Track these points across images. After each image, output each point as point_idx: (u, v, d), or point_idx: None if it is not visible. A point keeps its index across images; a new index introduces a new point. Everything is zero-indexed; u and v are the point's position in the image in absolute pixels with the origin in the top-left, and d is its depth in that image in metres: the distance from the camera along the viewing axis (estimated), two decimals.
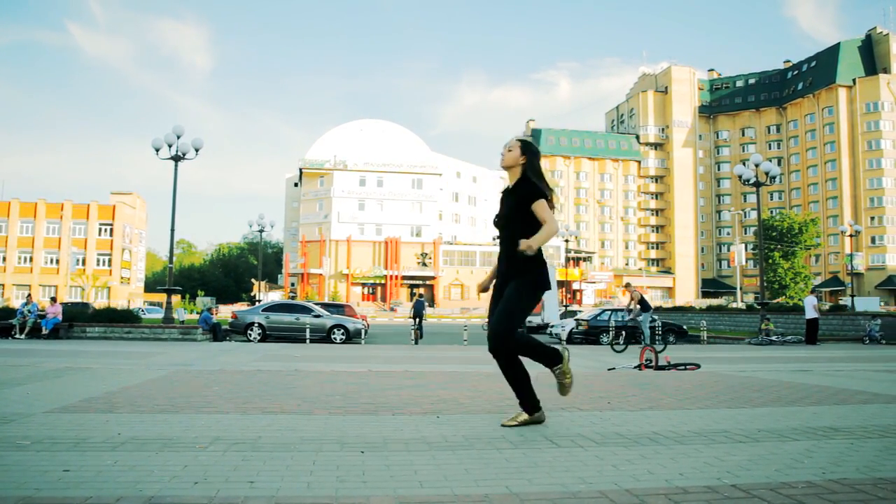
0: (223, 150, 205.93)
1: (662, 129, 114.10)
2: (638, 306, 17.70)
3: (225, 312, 38.03)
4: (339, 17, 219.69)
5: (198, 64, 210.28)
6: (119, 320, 21.89)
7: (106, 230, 75.96)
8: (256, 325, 22.98)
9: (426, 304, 24.67)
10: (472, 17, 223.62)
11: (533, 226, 4.23)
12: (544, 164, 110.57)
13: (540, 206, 4.22)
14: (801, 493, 2.76)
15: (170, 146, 22.52)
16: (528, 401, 4.39)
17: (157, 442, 3.68)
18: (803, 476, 3.06)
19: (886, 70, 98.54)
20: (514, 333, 4.25)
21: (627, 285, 18.98)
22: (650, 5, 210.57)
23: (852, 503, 2.63)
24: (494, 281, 4.57)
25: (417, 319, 23.74)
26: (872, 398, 6.23)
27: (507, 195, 4.43)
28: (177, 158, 22.59)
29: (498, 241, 4.57)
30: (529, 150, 4.45)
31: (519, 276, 4.30)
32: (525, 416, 4.38)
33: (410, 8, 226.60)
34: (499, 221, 4.43)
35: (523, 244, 4.00)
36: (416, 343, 22.25)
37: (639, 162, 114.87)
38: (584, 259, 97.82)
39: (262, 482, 2.87)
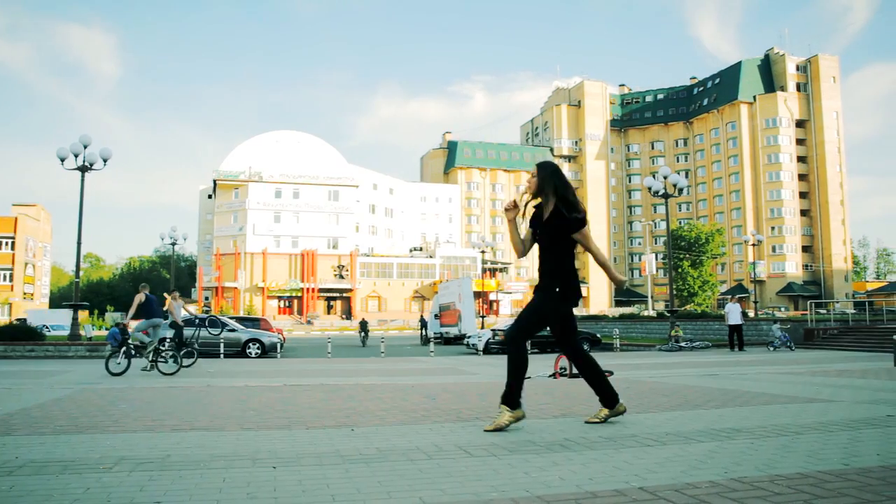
0: (133, 160, 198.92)
1: (576, 142, 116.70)
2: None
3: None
4: (252, 28, 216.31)
5: (106, 72, 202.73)
6: (21, 338, 20.86)
7: (7, 244, 72.44)
8: (168, 340, 22.24)
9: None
10: (388, 30, 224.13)
11: (570, 247, 4.76)
12: (461, 175, 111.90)
13: (585, 236, 4.75)
14: (704, 493, 2.85)
15: (76, 156, 21.66)
16: (605, 395, 4.84)
17: (58, 464, 3.53)
18: (706, 476, 3.16)
19: (783, 88, 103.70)
20: (517, 342, 4.72)
21: (173, 293, 16.05)
22: (563, 22, 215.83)
23: (751, 499, 2.74)
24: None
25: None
26: (772, 399, 6.52)
27: (547, 222, 4.77)
28: (84, 169, 21.76)
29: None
30: (549, 172, 4.85)
31: (544, 291, 4.76)
32: (605, 412, 4.83)
33: (325, 20, 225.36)
34: (539, 240, 4.83)
35: (621, 280, 4.85)
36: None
37: None
38: (501, 270, 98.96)
39: (170, 502, 2.79)
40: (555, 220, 4.71)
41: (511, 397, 4.58)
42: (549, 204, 4.76)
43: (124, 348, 12.65)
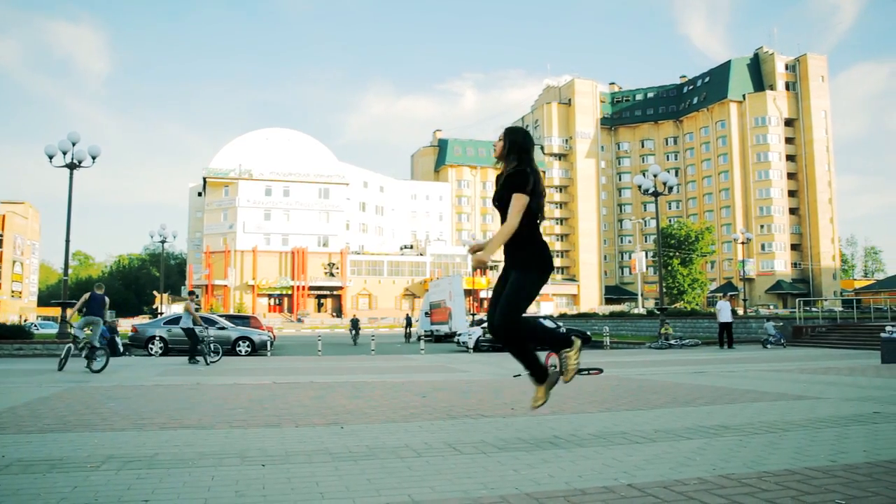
0: (122, 158, 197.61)
1: (566, 140, 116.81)
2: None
3: (125, 326, 36.57)
4: (242, 26, 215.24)
5: (95, 69, 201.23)
6: (8, 336, 20.74)
7: None
8: (158, 338, 22.19)
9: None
10: (378, 28, 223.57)
11: (532, 216, 4.33)
12: (451, 173, 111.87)
13: (514, 199, 4.25)
14: (693, 489, 2.86)
15: (64, 153, 21.52)
16: (537, 373, 4.38)
17: (45, 463, 3.51)
18: (695, 473, 3.17)
19: (772, 87, 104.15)
20: (519, 324, 4.25)
21: (191, 296, 16.99)
22: (554, 20, 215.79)
23: (739, 496, 2.75)
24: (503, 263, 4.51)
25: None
26: (760, 396, 6.55)
27: (500, 180, 4.51)
28: (72, 166, 21.62)
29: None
30: (512, 137, 4.52)
31: (519, 267, 4.30)
32: (542, 389, 4.35)
33: (315, 18, 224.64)
34: (496, 204, 4.51)
35: (475, 260, 4.14)
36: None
37: (543, 172, 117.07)
38: (491, 268, 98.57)
39: (158, 500, 2.78)
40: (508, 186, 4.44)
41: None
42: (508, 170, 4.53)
43: (70, 344, 12.92)
